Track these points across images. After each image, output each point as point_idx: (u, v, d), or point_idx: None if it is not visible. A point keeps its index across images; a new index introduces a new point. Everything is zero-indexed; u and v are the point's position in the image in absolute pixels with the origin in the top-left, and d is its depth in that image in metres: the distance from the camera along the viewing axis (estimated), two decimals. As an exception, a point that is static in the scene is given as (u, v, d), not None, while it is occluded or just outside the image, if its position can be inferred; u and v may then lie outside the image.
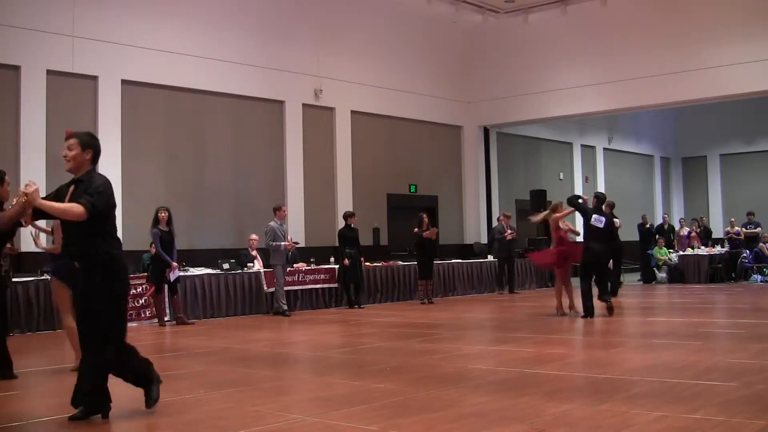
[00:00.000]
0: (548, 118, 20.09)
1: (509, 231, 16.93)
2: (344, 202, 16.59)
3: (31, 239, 8.46)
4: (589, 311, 10.86)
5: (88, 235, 4.85)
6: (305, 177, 16.15)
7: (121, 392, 5.19)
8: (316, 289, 14.10)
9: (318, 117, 16.57)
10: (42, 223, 7.46)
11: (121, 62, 13.39)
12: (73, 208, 4.73)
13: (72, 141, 5.01)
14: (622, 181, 25.20)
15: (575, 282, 11.48)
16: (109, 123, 13.16)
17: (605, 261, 11.19)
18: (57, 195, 5.04)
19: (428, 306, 14.16)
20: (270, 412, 5.11)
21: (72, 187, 4.98)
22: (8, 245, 6.78)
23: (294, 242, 13.24)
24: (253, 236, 13.73)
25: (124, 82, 13.50)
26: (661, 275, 19.08)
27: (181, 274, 12.00)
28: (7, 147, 12.27)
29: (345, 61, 17.04)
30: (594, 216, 10.96)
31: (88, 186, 4.87)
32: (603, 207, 11.45)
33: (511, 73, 19.51)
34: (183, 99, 14.45)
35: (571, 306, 11.45)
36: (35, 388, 6.44)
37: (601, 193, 11.38)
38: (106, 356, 4.90)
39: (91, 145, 5.04)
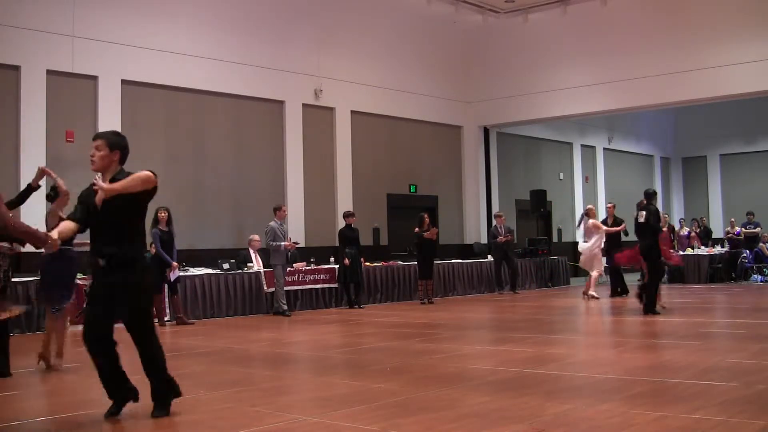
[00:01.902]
0: (548, 118, 20.07)
1: (502, 234, 16.79)
2: (344, 202, 16.58)
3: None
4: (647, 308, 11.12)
5: (125, 228, 4.89)
6: (305, 177, 16.14)
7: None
8: (316, 289, 14.10)
9: (318, 117, 16.57)
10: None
11: (121, 62, 13.39)
12: (148, 178, 4.72)
13: (100, 142, 4.93)
14: (622, 181, 25.19)
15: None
16: (109, 123, 13.10)
17: (646, 256, 11.36)
18: (86, 206, 4.92)
19: (428, 306, 14.16)
20: (270, 412, 5.11)
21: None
22: (8, 245, 6.77)
23: (294, 242, 13.25)
24: (255, 237, 13.69)
25: (124, 82, 13.49)
26: (661, 275, 19.06)
27: (181, 274, 12.00)
28: (7, 147, 12.26)
29: (345, 61, 17.03)
30: (639, 212, 11.44)
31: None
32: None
33: (511, 73, 19.50)
34: (183, 99, 14.44)
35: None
36: (35, 388, 6.44)
37: (648, 188, 11.93)
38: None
39: (119, 145, 4.99)
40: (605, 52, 18.10)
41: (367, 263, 14.80)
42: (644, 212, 11.26)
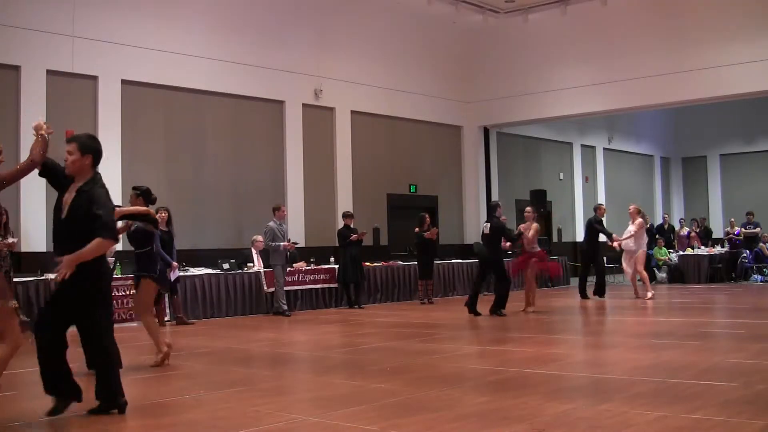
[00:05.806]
0: (548, 118, 20.07)
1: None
2: (344, 202, 16.57)
3: (29, 239, 8.44)
4: None
5: (86, 241, 4.86)
6: (305, 177, 16.13)
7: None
8: (316, 289, 14.10)
9: (318, 117, 16.57)
10: None
11: (121, 62, 13.38)
12: (101, 246, 4.79)
13: (72, 146, 5.01)
14: (622, 181, 25.20)
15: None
16: (109, 123, 13.15)
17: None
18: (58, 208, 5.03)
19: (428, 306, 14.16)
20: (270, 412, 5.11)
21: (74, 195, 4.96)
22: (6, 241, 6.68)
23: (293, 243, 13.25)
24: (259, 238, 13.65)
25: (124, 82, 13.49)
26: (661, 275, 19.08)
27: (181, 274, 12.00)
28: (7, 147, 12.11)
29: (345, 61, 17.03)
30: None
31: (92, 201, 4.87)
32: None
33: (511, 73, 19.50)
34: (183, 99, 14.44)
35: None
36: (35, 388, 6.43)
37: (494, 201, 13.66)
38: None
39: (91, 149, 5.05)
40: (605, 52, 18.10)
41: (367, 263, 14.78)
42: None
